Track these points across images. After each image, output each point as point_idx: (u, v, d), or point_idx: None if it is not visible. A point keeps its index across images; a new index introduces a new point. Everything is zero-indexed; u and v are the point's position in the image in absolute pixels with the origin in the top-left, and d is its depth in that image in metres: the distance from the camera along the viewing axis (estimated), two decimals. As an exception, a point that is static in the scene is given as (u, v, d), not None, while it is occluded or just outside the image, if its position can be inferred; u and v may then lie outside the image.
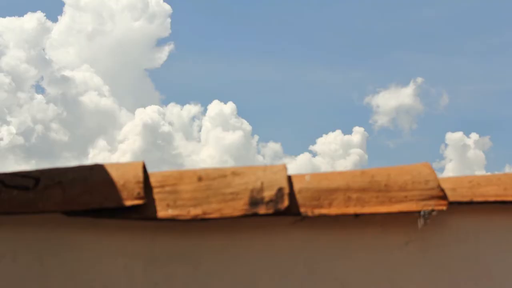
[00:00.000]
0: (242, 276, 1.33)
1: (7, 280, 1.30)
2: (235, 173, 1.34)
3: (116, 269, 1.31)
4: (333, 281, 1.34)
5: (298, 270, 1.34)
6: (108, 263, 1.32)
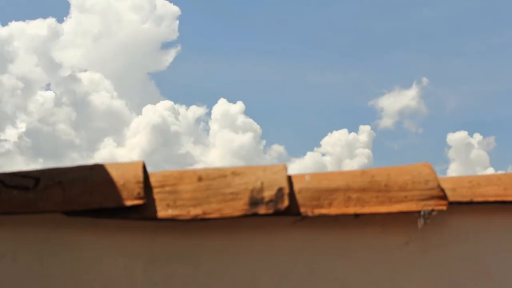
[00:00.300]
0: (242, 276, 1.33)
1: (7, 280, 1.30)
2: (235, 173, 1.34)
3: (116, 269, 1.31)
4: (333, 281, 1.34)
5: (298, 270, 1.34)
6: (108, 263, 1.32)
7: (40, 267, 1.31)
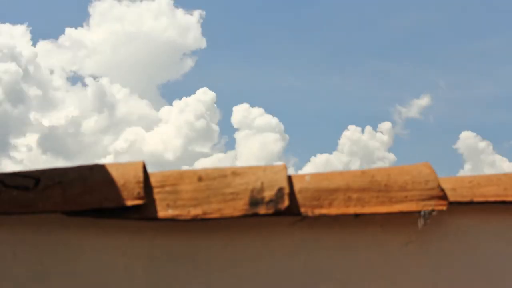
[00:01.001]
0: (242, 276, 1.33)
1: (7, 280, 1.30)
2: (235, 173, 1.34)
3: (116, 269, 1.31)
4: (333, 281, 1.34)
5: (298, 270, 1.34)
6: (108, 263, 1.32)
7: (40, 267, 1.31)
